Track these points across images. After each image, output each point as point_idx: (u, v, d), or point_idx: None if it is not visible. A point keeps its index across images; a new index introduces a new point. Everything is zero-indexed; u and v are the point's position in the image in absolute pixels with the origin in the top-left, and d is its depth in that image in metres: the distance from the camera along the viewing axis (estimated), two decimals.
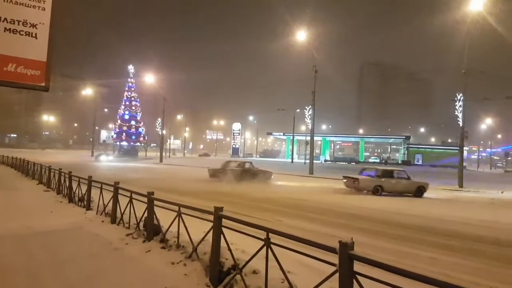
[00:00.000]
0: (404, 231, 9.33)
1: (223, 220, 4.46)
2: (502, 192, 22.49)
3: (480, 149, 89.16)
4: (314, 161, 35.44)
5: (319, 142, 72.42)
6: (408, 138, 70.74)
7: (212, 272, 4.34)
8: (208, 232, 4.66)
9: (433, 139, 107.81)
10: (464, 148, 31.04)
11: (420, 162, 61.49)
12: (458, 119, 27.39)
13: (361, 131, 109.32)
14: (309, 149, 37.54)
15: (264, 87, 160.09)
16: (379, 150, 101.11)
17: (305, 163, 43.77)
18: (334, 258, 2.92)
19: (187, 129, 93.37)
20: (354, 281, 2.80)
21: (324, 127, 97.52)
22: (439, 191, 21.92)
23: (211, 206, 4.65)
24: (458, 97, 27.42)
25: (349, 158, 68.81)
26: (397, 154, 78.77)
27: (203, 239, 4.88)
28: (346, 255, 2.77)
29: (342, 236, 2.97)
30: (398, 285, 2.57)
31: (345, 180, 19.26)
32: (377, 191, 17.91)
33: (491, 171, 61.77)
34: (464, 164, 34.39)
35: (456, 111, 27.52)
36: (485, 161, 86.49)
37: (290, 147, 66.48)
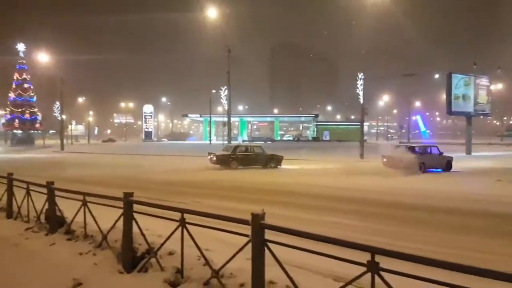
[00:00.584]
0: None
1: (136, 205, 4.28)
2: None
3: (379, 123, 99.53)
4: (232, 142, 35.82)
5: (237, 123, 73.39)
6: (316, 116, 75.93)
7: (125, 258, 4.20)
8: (118, 219, 4.46)
9: (338, 116, 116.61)
10: (365, 123, 34.33)
11: (328, 138, 66.49)
12: (359, 97, 30.07)
13: (275, 111, 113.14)
14: (227, 130, 37.77)
15: (177, 68, 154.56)
16: (292, 129, 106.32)
17: (223, 144, 44.02)
18: (249, 231, 3.02)
19: (91, 113, 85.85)
20: (266, 249, 2.94)
21: (241, 107, 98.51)
22: (343, 163, 23.52)
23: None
24: (359, 76, 30.01)
25: (266, 137, 71.17)
26: (308, 132, 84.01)
27: (113, 226, 4.66)
28: (258, 225, 2.90)
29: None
30: (303, 247, 2.78)
31: (385, 160, 18.24)
32: (421, 168, 17.57)
33: (388, 143, 69.51)
34: (365, 137, 38.12)
35: (357, 89, 30.14)
36: (383, 134, 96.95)
37: (208, 128, 66.10)
